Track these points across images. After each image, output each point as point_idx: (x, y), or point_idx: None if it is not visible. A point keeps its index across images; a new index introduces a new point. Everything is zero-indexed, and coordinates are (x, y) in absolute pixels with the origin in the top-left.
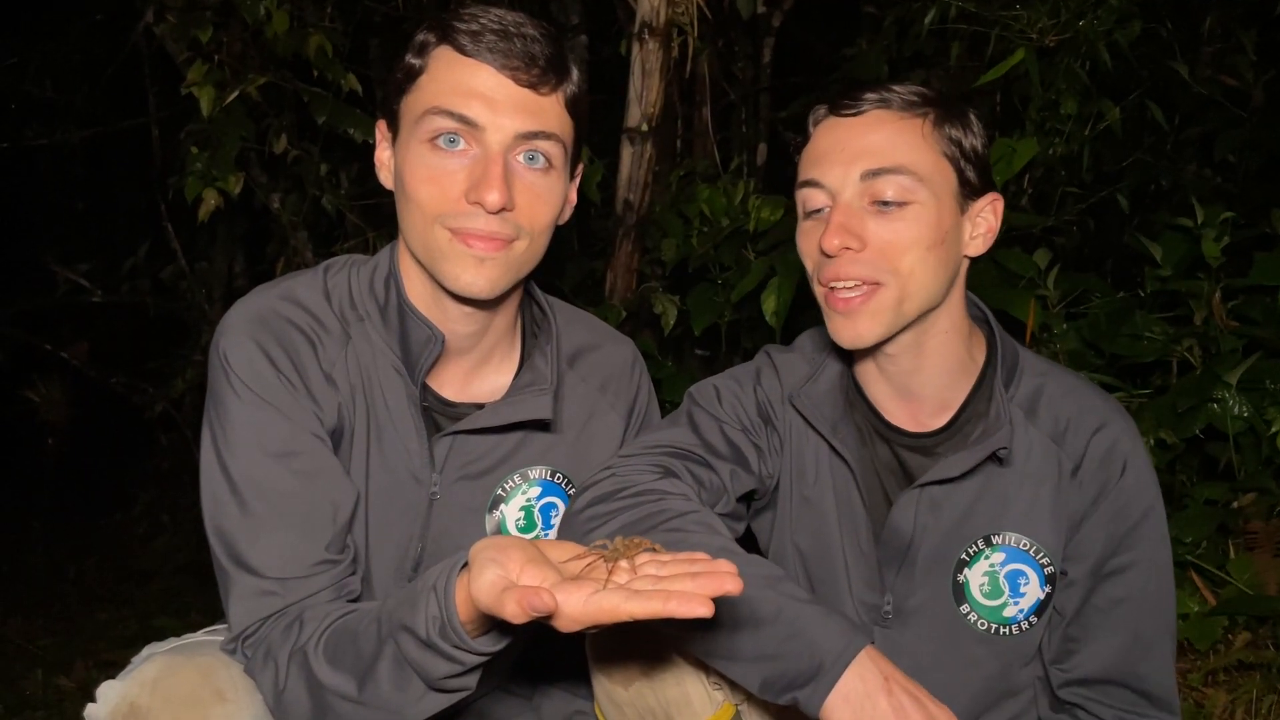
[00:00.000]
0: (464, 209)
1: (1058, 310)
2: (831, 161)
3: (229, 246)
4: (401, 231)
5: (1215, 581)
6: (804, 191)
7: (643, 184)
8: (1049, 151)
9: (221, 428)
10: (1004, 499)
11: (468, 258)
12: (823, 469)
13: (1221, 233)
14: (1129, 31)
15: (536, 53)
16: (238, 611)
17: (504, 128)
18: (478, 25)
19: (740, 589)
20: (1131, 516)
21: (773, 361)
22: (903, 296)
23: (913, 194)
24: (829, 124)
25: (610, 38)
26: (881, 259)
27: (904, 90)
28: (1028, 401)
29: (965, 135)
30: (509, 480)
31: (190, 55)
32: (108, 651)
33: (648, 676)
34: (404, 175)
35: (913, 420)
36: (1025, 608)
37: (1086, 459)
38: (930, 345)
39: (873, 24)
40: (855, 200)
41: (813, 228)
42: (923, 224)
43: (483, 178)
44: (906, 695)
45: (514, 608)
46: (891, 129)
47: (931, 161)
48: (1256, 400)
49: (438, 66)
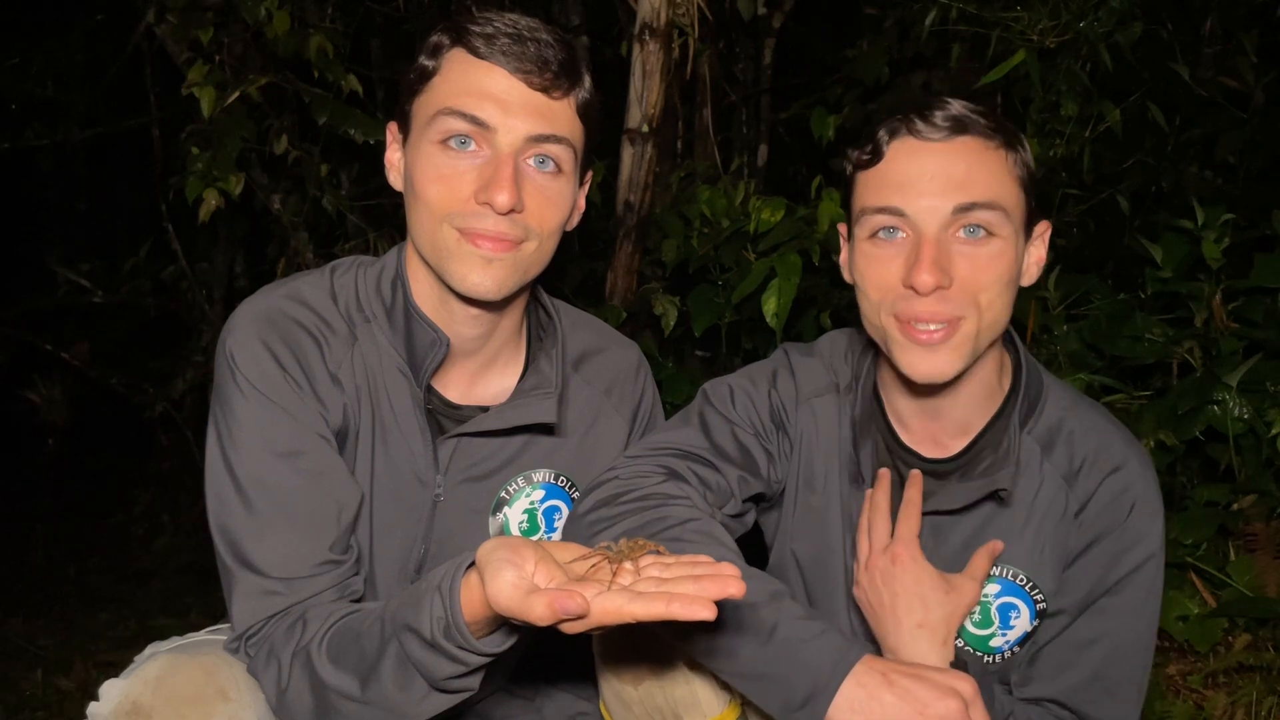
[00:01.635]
0: (473, 209)
1: (1058, 312)
2: (919, 191)
3: (230, 247)
4: (410, 232)
5: (1215, 583)
6: (879, 218)
7: (643, 185)
8: (1050, 153)
9: (227, 426)
10: (1006, 534)
11: (475, 258)
12: (831, 479)
13: (1222, 234)
14: (1130, 33)
15: (550, 57)
16: (241, 610)
17: (515, 130)
18: (492, 28)
19: (743, 591)
20: (1129, 562)
21: (790, 365)
22: (980, 330)
23: (999, 228)
24: (909, 146)
25: (611, 39)
26: (965, 295)
27: (974, 113)
28: (1046, 435)
29: (1029, 160)
30: (513, 483)
31: (191, 56)
32: (108, 652)
33: (657, 676)
34: (414, 175)
35: (931, 441)
36: (1012, 639)
37: (1093, 501)
38: (973, 374)
39: (874, 25)
40: (944, 231)
41: (887, 255)
42: (1005, 259)
43: (493, 178)
44: (911, 680)
45: (543, 610)
46: (978, 159)
47: (1014, 193)
48: (1257, 402)
49: (451, 68)
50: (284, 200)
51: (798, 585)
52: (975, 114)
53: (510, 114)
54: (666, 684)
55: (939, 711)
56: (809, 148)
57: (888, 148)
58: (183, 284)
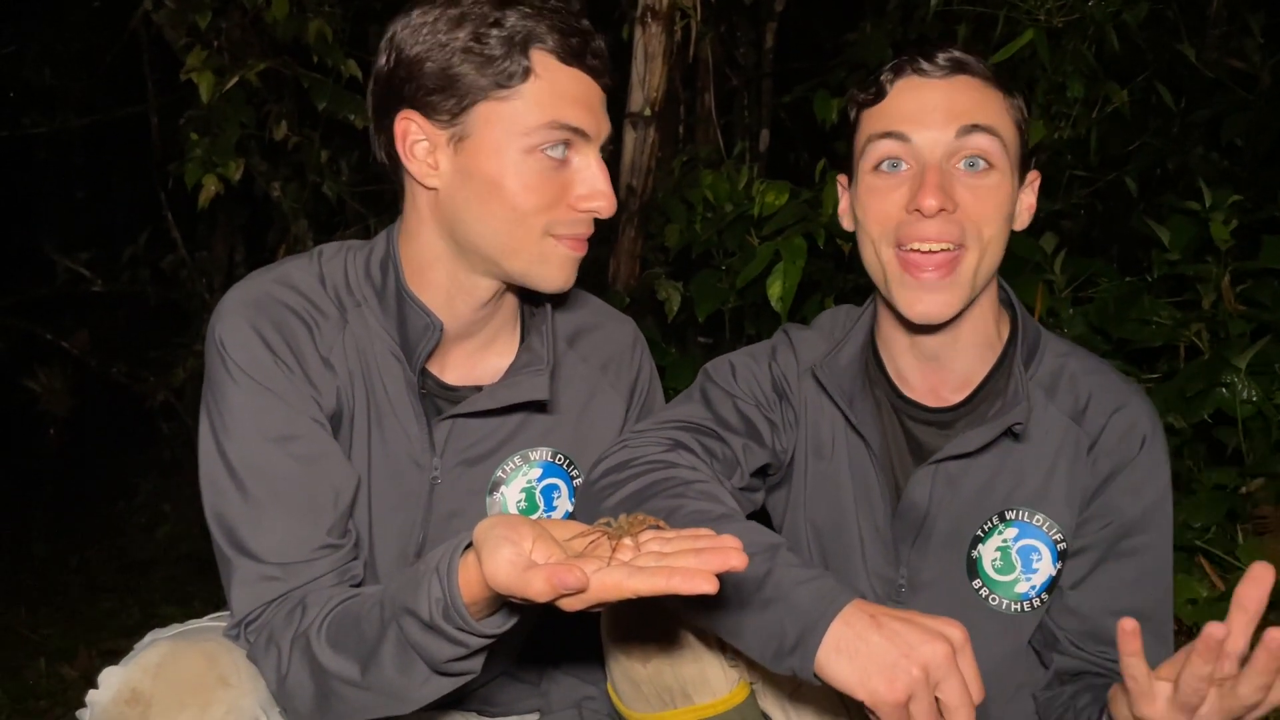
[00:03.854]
0: (574, 216)
1: (1065, 295)
2: (923, 119)
3: (229, 234)
4: (462, 231)
5: (1225, 567)
6: (883, 144)
7: (645, 169)
8: (1056, 135)
9: (219, 413)
10: (1020, 476)
11: (568, 259)
12: (839, 443)
13: (1230, 216)
14: (1136, 13)
15: (603, 51)
16: (240, 597)
17: (602, 134)
18: (563, 25)
19: (745, 563)
20: (1146, 497)
21: (790, 339)
22: (979, 266)
23: (997, 159)
24: (913, 83)
25: (613, 22)
26: (971, 223)
27: (972, 59)
28: (1049, 379)
29: (1022, 107)
30: (509, 462)
31: (189, 41)
32: (111, 640)
33: (666, 654)
34: (503, 180)
35: (933, 395)
36: (1038, 584)
37: (1104, 435)
38: (967, 321)
39: (876, 7)
40: (946, 161)
41: (889, 185)
42: (1003, 193)
43: (600, 189)
44: (899, 622)
45: (542, 585)
46: (979, 93)
47: (1010, 129)
48: (1265, 384)
49: (543, 73)
50: (284, 186)
51: (815, 552)
52: (971, 59)
53: (599, 118)
54: (676, 662)
55: (925, 655)
56: (811, 132)
57: (892, 86)
58: (182, 272)
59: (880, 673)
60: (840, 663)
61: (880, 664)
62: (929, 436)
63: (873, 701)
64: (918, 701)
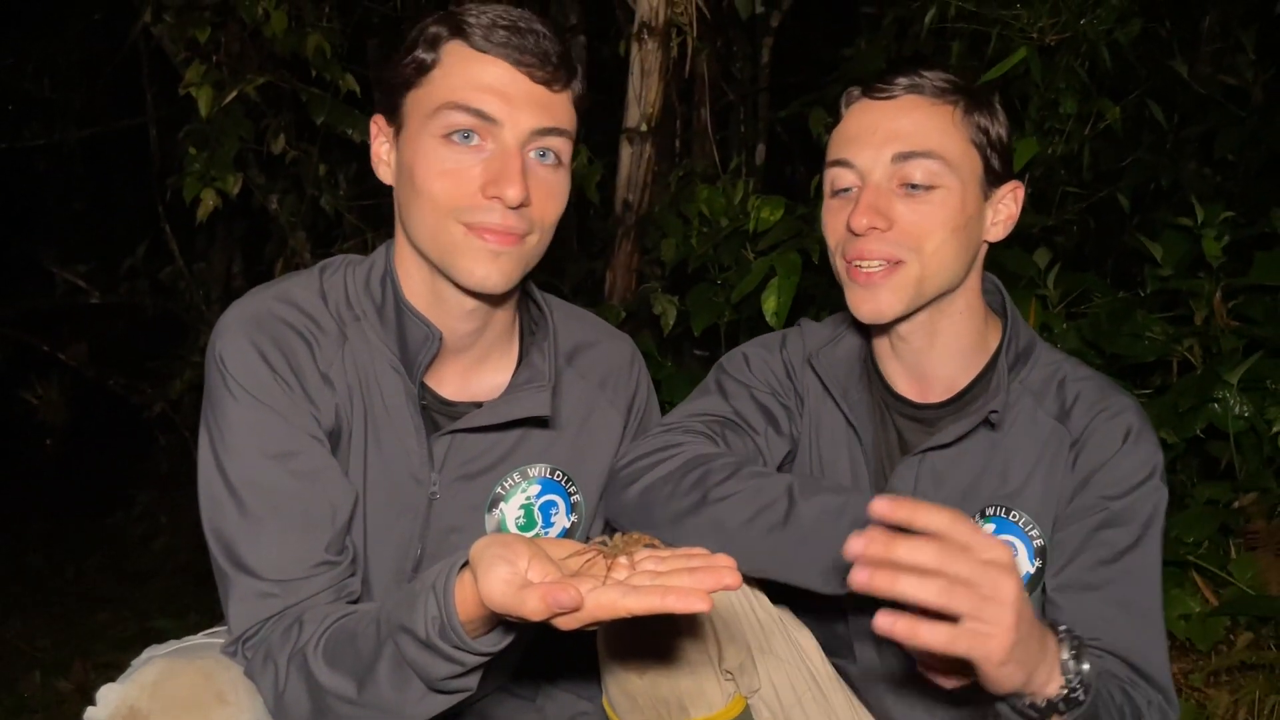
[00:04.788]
0: (481, 203)
1: (1058, 310)
2: (863, 143)
3: (227, 247)
4: (405, 228)
5: (1217, 582)
6: (833, 170)
7: (642, 184)
8: (1049, 151)
9: (219, 430)
10: (1004, 475)
11: (483, 252)
12: (838, 434)
13: (1222, 232)
14: (1129, 30)
15: (549, 49)
16: (237, 613)
17: (520, 123)
18: (488, 19)
19: (739, 582)
20: (1128, 485)
21: (801, 328)
22: (924, 275)
23: (941, 178)
24: (861, 106)
25: (609, 38)
26: (906, 238)
27: (935, 76)
28: (1039, 385)
29: (992, 124)
30: (508, 478)
31: (188, 55)
32: (107, 653)
33: (663, 668)
34: (414, 170)
35: (920, 394)
36: None
37: (1088, 432)
38: (943, 326)
39: (872, 24)
40: (885, 181)
41: (840, 206)
42: (948, 208)
43: (501, 173)
44: None
45: (537, 604)
46: (923, 114)
47: (960, 148)
48: (1257, 400)
49: (450, 61)
50: (281, 200)
51: None
52: (933, 78)
53: (515, 107)
54: (673, 675)
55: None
56: (807, 147)
57: (847, 110)
58: (180, 284)
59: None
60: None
61: None
62: (913, 433)
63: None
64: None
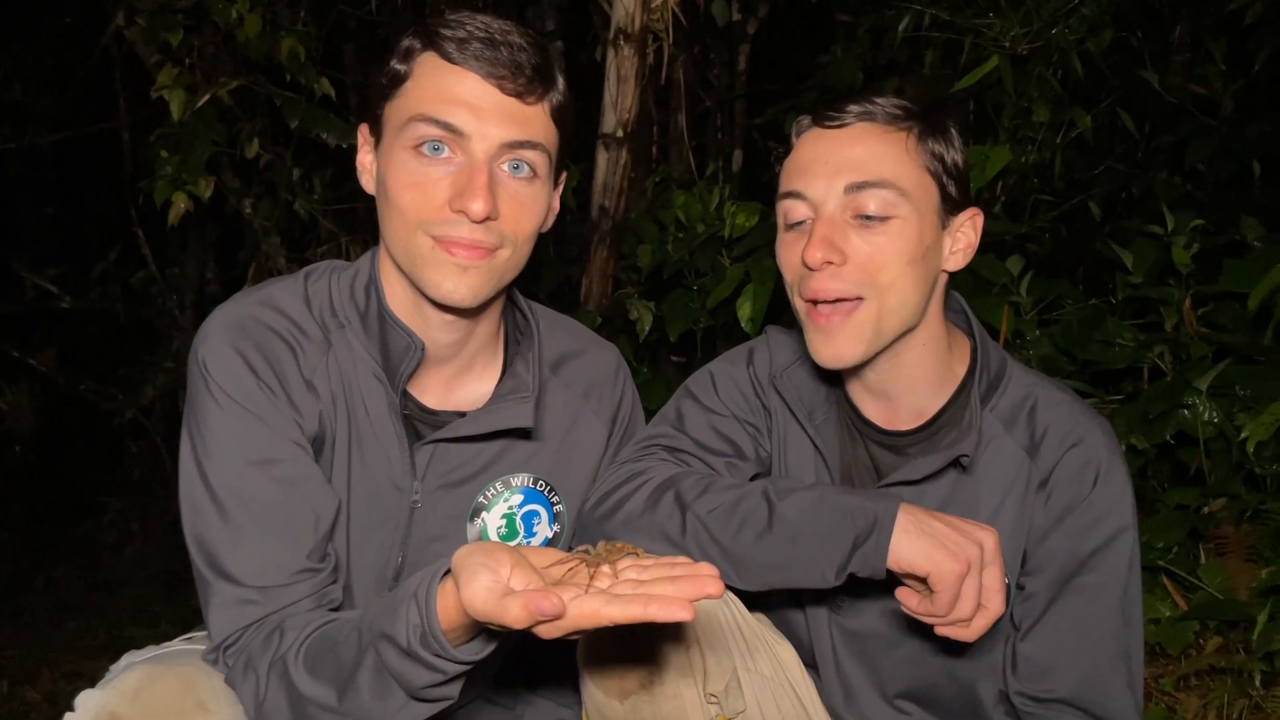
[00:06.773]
0: (447, 217)
1: (1030, 317)
2: (815, 174)
3: (200, 252)
4: (383, 237)
5: (1186, 586)
6: (786, 203)
7: (618, 190)
8: (1021, 159)
9: (201, 435)
10: (972, 508)
11: (450, 265)
12: (805, 455)
13: (1192, 240)
14: (1100, 40)
15: (523, 61)
16: (218, 620)
17: (489, 136)
18: (464, 32)
19: (721, 591)
20: (1100, 534)
21: (768, 341)
22: (882, 312)
23: (895, 208)
24: (812, 135)
25: (586, 44)
26: (862, 273)
27: (887, 103)
28: (1009, 411)
29: (948, 150)
30: (490, 488)
31: (161, 59)
32: (76, 662)
33: (644, 689)
34: (387, 181)
35: (887, 422)
36: None
37: (1057, 471)
38: (906, 358)
39: (847, 32)
40: (838, 213)
41: (794, 239)
42: (904, 238)
43: (467, 186)
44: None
45: (519, 612)
46: (876, 142)
47: (915, 176)
48: (1226, 406)
49: (423, 73)
50: (255, 204)
51: None
52: (885, 104)
53: (484, 120)
54: (656, 697)
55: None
56: None
57: (798, 139)
58: (153, 289)
59: (944, 549)
60: (909, 542)
61: (944, 542)
62: (884, 459)
63: (937, 573)
64: (971, 578)
